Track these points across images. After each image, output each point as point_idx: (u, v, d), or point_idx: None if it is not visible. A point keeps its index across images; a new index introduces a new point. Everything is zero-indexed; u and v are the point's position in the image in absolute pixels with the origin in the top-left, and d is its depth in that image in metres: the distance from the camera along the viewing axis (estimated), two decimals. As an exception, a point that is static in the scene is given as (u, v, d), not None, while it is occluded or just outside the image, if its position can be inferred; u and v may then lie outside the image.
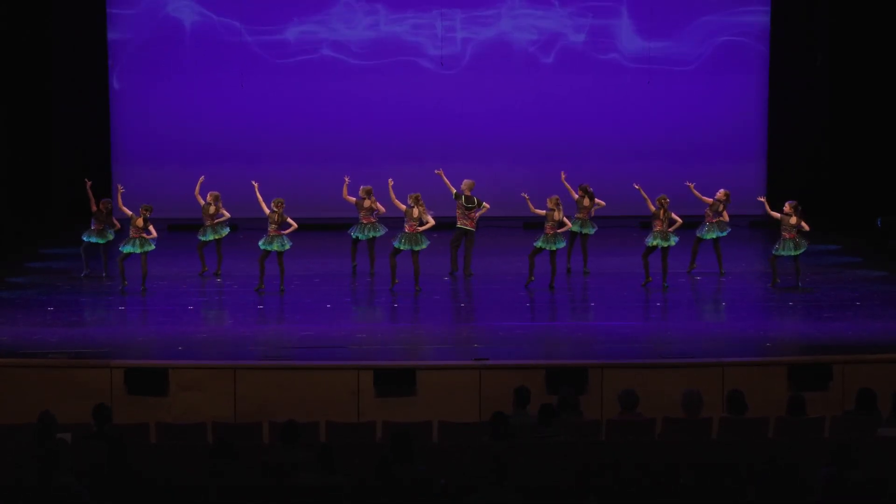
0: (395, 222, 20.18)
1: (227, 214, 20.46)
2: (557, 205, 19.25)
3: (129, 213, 19.39)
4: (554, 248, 19.20)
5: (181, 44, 25.66)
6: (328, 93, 25.87)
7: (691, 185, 20.43)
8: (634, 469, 10.38)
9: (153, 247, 19.33)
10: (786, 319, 18.06)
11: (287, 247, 19.21)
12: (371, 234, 20.19)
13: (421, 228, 19.22)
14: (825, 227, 23.69)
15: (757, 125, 26.16)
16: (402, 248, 19.13)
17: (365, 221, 20.14)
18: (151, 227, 19.29)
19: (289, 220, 19.27)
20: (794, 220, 19.23)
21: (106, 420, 11.97)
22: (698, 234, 20.25)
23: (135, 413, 13.93)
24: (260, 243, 19.27)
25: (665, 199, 19.39)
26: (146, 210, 19.30)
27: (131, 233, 19.23)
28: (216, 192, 20.52)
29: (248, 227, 24.41)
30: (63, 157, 25.35)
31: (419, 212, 19.23)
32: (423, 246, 19.22)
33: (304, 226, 22.54)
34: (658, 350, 16.09)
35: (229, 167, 25.57)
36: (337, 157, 25.78)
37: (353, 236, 20.26)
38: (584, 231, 20.43)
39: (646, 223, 20.54)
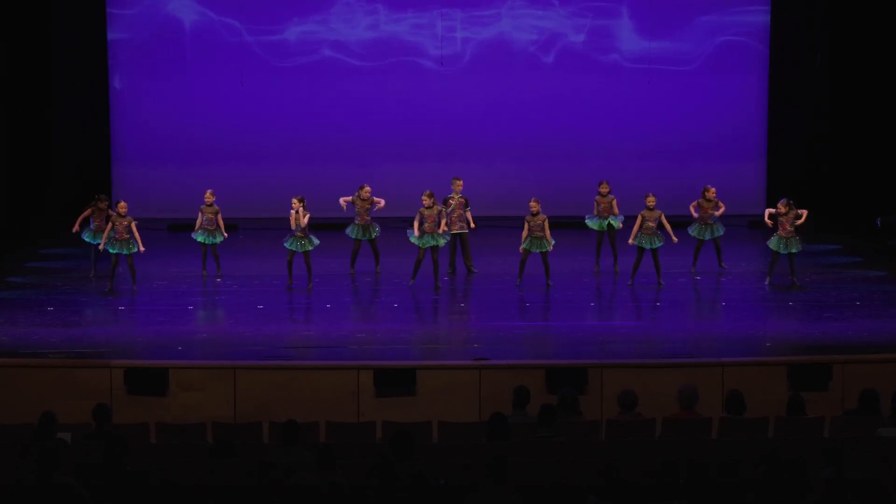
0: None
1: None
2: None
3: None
4: (542, 250, 19.28)
5: (181, 44, 25.67)
6: (328, 93, 25.87)
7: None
8: (634, 469, 10.38)
9: (135, 248, 19.29)
10: (786, 319, 18.05)
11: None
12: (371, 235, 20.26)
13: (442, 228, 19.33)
14: (825, 227, 23.69)
15: (757, 125, 26.15)
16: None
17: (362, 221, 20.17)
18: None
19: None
20: (792, 214, 19.26)
21: (106, 420, 11.98)
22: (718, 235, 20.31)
23: (135, 413, 13.93)
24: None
25: (651, 200, 19.45)
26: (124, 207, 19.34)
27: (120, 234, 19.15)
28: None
29: (248, 227, 24.46)
30: (63, 157, 25.35)
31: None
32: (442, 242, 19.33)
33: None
34: (658, 350, 16.10)
35: (229, 167, 25.60)
36: (337, 157, 25.80)
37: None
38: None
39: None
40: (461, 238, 20.41)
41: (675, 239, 19.58)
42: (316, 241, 19.49)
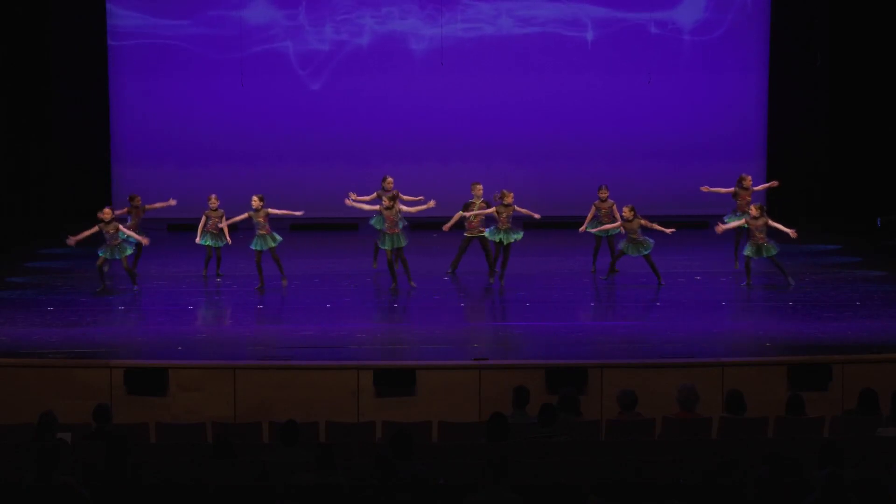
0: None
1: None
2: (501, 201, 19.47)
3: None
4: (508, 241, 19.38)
5: (181, 43, 25.67)
6: (328, 92, 25.88)
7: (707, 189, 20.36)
8: (634, 469, 10.38)
9: (130, 251, 19.35)
10: (786, 319, 18.05)
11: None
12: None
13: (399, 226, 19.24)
14: (825, 227, 23.70)
15: (757, 125, 26.16)
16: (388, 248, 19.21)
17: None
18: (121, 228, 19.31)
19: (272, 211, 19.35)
20: (762, 221, 19.26)
21: (106, 420, 11.98)
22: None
23: (135, 413, 13.93)
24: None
25: (627, 212, 19.48)
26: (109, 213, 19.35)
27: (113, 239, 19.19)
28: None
29: (247, 227, 24.44)
30: (63, 157, 25.36)
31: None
32: (404, 243, 19.26)
33: (303, 226, 22.68)
34: (658, 350, 16.09)
35: (229, 167, 25.60)
36: (337, 157, 25.81)
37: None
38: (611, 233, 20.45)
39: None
40: (481, 241, 20.25)
41: (668, 231, 19.66)
42: (279, 238, 19.40)
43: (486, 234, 19.61)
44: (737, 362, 15.08)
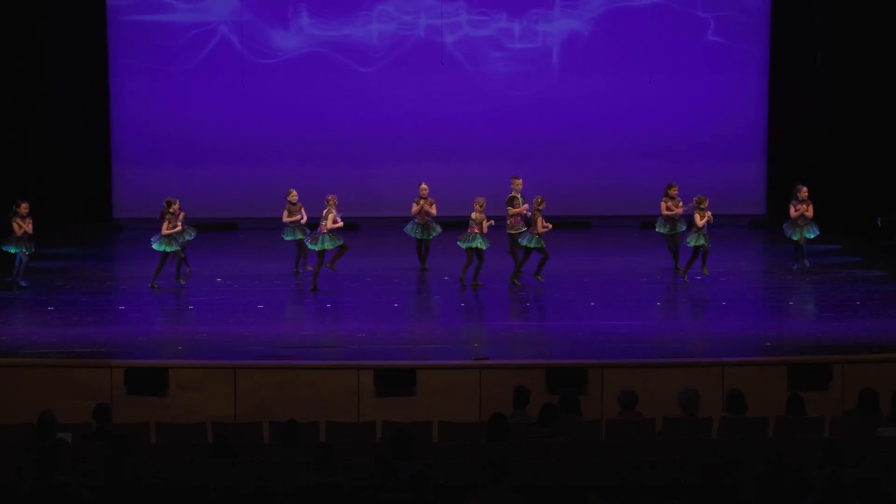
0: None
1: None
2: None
3: None
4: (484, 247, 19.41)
5: (181, 43, 25.68)
6: (328, 93, 25.89)
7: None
8: (634, 469, 10.38)
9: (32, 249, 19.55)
10: (786, 319, 18.05)
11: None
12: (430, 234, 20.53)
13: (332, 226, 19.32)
14: (825, 227, 23.69)
15: (757, 124, 26.17)
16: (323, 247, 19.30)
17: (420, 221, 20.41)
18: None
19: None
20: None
21: (106, 420, 11.98)
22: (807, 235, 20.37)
23: (135, 413, 13.93)
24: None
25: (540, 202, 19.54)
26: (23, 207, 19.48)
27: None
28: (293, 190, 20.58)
29: (248, 226, 24.46)
30: (63, 157, 25.35)
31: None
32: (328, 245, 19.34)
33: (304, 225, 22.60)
34: (658, 350, 16.09)
35: (229, 167, 25.60)
36: (337, 157, 25.81)
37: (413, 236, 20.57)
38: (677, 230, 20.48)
39: (647, 223, 20.63)
40: (511, 239, 20.22)
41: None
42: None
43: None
44: (737, 362, 15.08)
